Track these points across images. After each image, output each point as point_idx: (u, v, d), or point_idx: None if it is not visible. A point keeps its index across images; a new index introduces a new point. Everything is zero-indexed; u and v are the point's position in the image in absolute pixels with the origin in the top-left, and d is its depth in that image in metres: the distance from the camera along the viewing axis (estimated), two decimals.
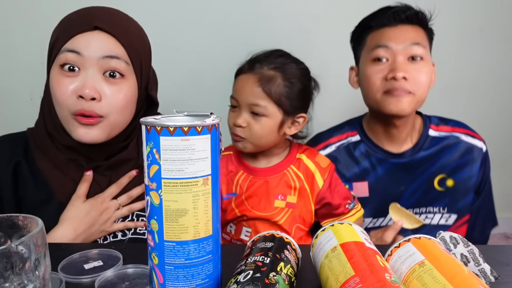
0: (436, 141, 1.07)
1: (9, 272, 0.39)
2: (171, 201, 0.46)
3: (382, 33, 1.01)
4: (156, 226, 0.47)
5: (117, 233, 0.83)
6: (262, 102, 0.89)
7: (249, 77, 0.91)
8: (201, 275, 0.48)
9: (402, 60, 0.97)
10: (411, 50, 0.97)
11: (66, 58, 0.71)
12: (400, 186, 1.06)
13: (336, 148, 1.10)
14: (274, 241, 0.55)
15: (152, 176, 0.47)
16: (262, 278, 0.45)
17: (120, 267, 0.63)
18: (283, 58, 0.93)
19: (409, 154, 1.06)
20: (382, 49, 0.99)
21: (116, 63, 0.73)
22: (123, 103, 0.75)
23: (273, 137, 0.93)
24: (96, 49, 0.72)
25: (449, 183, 1.06)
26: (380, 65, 0.99)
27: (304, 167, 0.97)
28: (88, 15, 0.75)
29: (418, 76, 0.97)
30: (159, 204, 0.46)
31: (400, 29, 1.00)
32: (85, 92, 0.70)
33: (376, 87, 1.00)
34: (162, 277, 0.47)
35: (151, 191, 0.47)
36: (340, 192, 0.99)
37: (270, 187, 0.95)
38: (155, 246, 0.47)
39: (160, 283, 0.47)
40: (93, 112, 0.72)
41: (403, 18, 1.00)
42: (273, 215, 0.94)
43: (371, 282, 0.42)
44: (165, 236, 0.47)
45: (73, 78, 0.72)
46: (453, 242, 0.60)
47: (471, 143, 1.07)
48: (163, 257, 0.47)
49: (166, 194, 0.46)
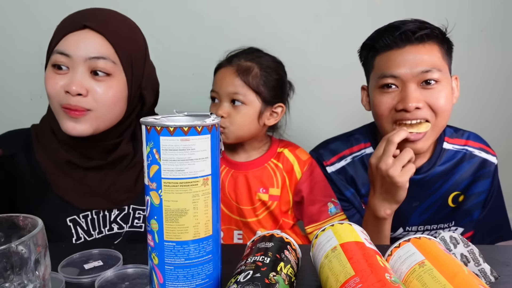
0: (450, 155, 0.99)
1: (9, 272, 0.39)
2: (171, 201, 0.46)
3: (389, 57, 0.90)
4: (156, 226, 0.47)
5: (113, 226, 0.84)
6: (241, 90, 0.93)
7: (227, 69, 0.96)
8: (201, 275, 0.48)
9: (414, 87, 0.87)
10: (423, 76, 0.87)
11: (56, 60, 0.76)
12: (412, 202, 0.98)
13: (351, 160, 1.02)
14: (274, 241, 0.55)
15: (152, 176, 0.47)
16: (262, 278, 0.45)
17: (120, 267, 0.63)
18: (258, 52, 0.99)
19: (424, 169, 0.97)
20: (389, 78, 0.89)
21: (103, 63, 0.76)
22: (111, 100, 0.78)
23: (254, 127, 0.96)
24: (84, 49, 0.75)
25: (460, 199, 1.00)
26: (390, 93, 0.89)
27: (285, 159, 1.00)
28: (79, 15, 0.78)
29: (434, 101, 0.87)
30: (159, 204, 0.46)
31: (410, 52, 0.88)
32: (71, 89, 0.74)
33: (386, 118, 0.91)
34: (162, 277, 0.47)
35: (151, 191, 0.47)
36: (319, 189, 0.98)
37: (251, 180, 0.99)
38: (155, 246, 0.47)
39: (160, 283, 0.47)
40: (79, 106, 0.75)
41: (412, 39, 0.88)
42: (256, 208, 0.98)
43: (371, 282, 0.42)
44: (165, 236, 0.47)
45: (63, 75, 0.76)
46: (453, 242, 0.60)
47: (485, 158, 1.01)
48: (163, 257, 0.47)
49: (166, 194, 0.46)
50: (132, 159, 0.86)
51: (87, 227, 0.82)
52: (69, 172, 0.81)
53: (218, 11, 1.50)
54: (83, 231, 0.81)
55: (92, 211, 0.82)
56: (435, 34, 0.89)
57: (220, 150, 0.50)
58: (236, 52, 1.00)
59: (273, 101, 0.97)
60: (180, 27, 1.50)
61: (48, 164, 0.81)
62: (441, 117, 0.88)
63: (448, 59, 0.92)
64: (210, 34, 1.50)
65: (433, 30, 0.89)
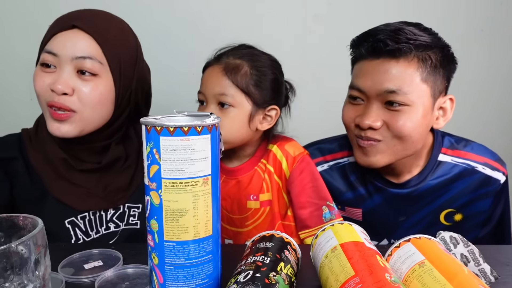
0: (446, 168, 0.88)
1: (9, 272, 0.39)
2: (171, 201, 0.46)
3: (361, 67, 0.83)
4: (156, 226, 0.47)
5: (109, 225, 0.84)
6: (228, 91, 0.84)
7: (215, 68, 0.88)
8: (201, 275, 0.48)
9: (376, 106, 0.80)
10: (387, 96, 0.78)
11: (44, 58, 0.76)
12: (399, 217, 0.91)
13: (328, 167, 0.96)
14: (274, 241, 0.55)
15: (152, 176, 0.47)
16: (262, 278, 0.45)
17: (120, 267, 0.63)
18: (250, 49, 0.90)
19: (413, 183, 0.88)
20: (355, 90, 0.83)
21: (90, 63, 0.75)
22: (96, 100, 0.77)
23: (244, 132, 0.87)
24: (71, 49, 0.75)
25: (457, 218, 0.90)
26: (355, 105, 0.84)
27: (274, 158, 0.90)
28: (69, 15, 0.79)
29: (395, 124, 0.78)
30: (159, 204, 0.46)
31: (381, 65, 0.78)
32: (57, 87, 0.74)
33: (348, 130, 0.86)
34: (162, 277, 0.47)
35: (151, 191, 0.47)
36: (311, 190, 0.88)
37: (241, 187, 0.90)
38: (155, 246, 0.47)
39: (160, 283, 0.47)
40: (63, 105, 0.75)
41: (384, 51, 0.78)
42: (248, 216, 0.90)
43: (371, 282, 0.42)
44: (165, 236, 0.47)
45: (50, 74, 0.76)
46: (453, 242, 0.60)
47: (489, 175, 0.88)
48: (163, 257, 0.47)
49: (166, 194, 0.46)
50: (125, 162, 0.86)
51: (85, 228, 0.82)
52: (65, 174, 0.81)
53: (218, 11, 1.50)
54: (81, 232, 0.82)
55: (89, 212, 0.82)
56: (413, 50, 0.77)
57: (220, 150, 0.50)
58: (226, 49, 0.91)
59: (266, 104, 0.87)
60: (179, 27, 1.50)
61: (44, 168, 0.81)
62: (402, 142, 0.80)
63: (432, 78, 0.80)
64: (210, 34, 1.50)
65: (411, 45, 0.77)
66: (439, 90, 0.82)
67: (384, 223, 0.88)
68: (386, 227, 0.90)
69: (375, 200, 0.92)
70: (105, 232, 0.83)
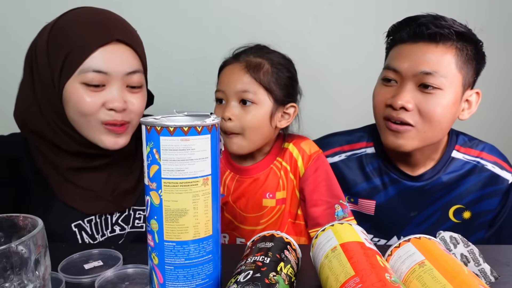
0: (458, 165, 0.92)
1: (9, 272, 0.39)
2: (171, 201, 0.46)
3: (399, 50, 0.86)
4: (156, 226, 0.47)
5: (115, 227, 0.83)
6: (251, 88, 0.84)
7: (235, 66, 0.87)
8: (201, 275, 0.48)
9: (410, 87, 0.82)
10: (422, 78, 0.81)
11: (92, 78, 0.72)
12: (410, 212, 0.93)
13: (346, 157, 0.97)
14: (274, 241, 0.55)
15: (152, 176, 0.47)
16: (262, 278, 0.45)
17: (120, 267, 0.63)
18: (267, 49, 0.92)
19: (427, 176, 0.91)
20: (390, 71, 0.85)
21: (138, 77, 0.77)
22: (142, 109, 0.80)
23: (266, 130, 0.87)
24: (120, 65, 0.74)
25: (465, 215, 0.92)
26: (388, 87, 0.86)
27: (290, 156, 0.91)
28: (103, 24, 0.75)
29: (427, 108, 0.81)
30: (159, 204, 0.46)
31: (420, 48, 0.82)
32: (116, 105, 0.74)
33: (378, 111, 0.88)
34: (162, 277, 0.47)
35: (151, 191, 0.47)
36: (324, 188, 0.89)
37: (257, 186, 0.90)
38: (155, 246, 0.47)
39: (160, 283, 0.47)
40: (124, 121, 0.76)
41: (425, 35, 0.81)
42: (263, 214, 0.90)
43: (371, 282, 0.42)
44: (165, 236, 0.47)
45: (99, 92, 0.74)
46: (453, 242, 0.60)
47: (497, 174, 0.91)
48: (163, 257, 0.47)
49: (166, 194, 0.46)
50: (134, 163, 0.86)
51: (91, 231, 0.81)
52: (72, 178, 0.80)
53: (218, 10, 1.50)
54: (87, 235, 0.81)
55: (96, 215, 0.81)
56: (453, 36, 0.81)
57: (220, 150, 0.50)
58: (243, 48, 0.92)
59: (285, 101, 0.89)
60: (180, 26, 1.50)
61: (50, 171, 0.80)
62: (431, 127, 0.82)
63: (465, 68, 0.83)
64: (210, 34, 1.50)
65: (452, 31, 0.81)
66: (469, 81, 0.85)
67: (395, 218, 0.89)
68: (397, 222, 0.92)
69: (389, 192, 0.94)
70: (111, 235, 0.83)
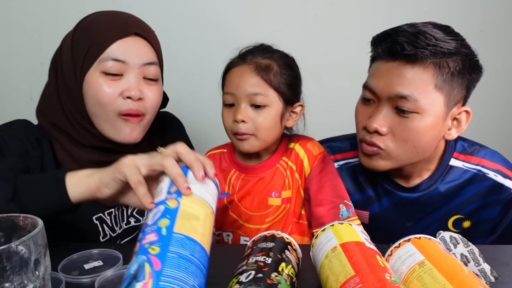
0: (457, 174, 0.86)
1: (9, 272, 0.39)
2: (189, 206, 0.48)
3: (376, 67, 0.81)
4: (166, 222, 0.46)
5: (130, 219, 0.85)
6: (262, 90, 0.84)
7: (244, 68, 0.86)
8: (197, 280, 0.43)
9: (386, 110, 0.77)
10: (396, 102, 0.76)
11: (110, 67, 0.75)
12: (406, 222, 0.89)
13: (338, 167, 0.95)
14: (275, 241, 0.55)
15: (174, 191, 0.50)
16: (265, 279, 0.45)
17: (120, 267, 0.63)
18: (271, 48, 0.91)
19: (423, 187, 0.87)
20: (367, 91, 0.81)
21: (154, 69, 0.79)
22: (158, 103, 0.82)
23: (278, 130, 0.88)
24: (138, 56, 0.77)
25: (465, 225, 0.88)
26: (367, 106, 0.82)
27: (296, 157, 0.91)
28: (123, 20, 0.79)
29: (401, 132, 0.76)
30: (176, 207, 0.48)
31: (397, 68, 0.76)
32: (132, 94, 0.76)
33: (358, 131, 0.85)
34: (161, 264, 0.42)
35: (168, 200, 0.49)
36: (329, 188, 0.89)
37: (263, 184, 0.90)
38: (158, 239, 0.44)
39: (156, 270, 0.41)
40: (139, 111, 0.78)
41: (401, 55, 0.75)
42: (268, 213, 0.90)
43: (371, 282, 0.42)
44: (176, 229, 0.45)
45: (117, 81, 0.76)
46: (453, 242, 0.60)
47: (500, 182, 0.85)
48: (167, 246, 0.43)
49: (186, 201, 0.49)
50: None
51: (111, 223, 0.83)
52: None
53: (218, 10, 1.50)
54: (108, 228, 0.82)
55: (115, 207, 0.83)
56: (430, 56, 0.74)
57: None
58: (248, 48, 0.90)
59: (293, 100, 0.89)
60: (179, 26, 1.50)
61: (71, 163, 0.80)
62: (406, 151, 0.78)
63: (448, 86, 0.76)
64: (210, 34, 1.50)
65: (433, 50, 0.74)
66: (455, 99, 0.78)
67: (390, 228, 0.86)
68: (393, 232, 0.85)
69: (383, 203, 0.91)
70: (126, 227, 0.85)
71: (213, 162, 0.98)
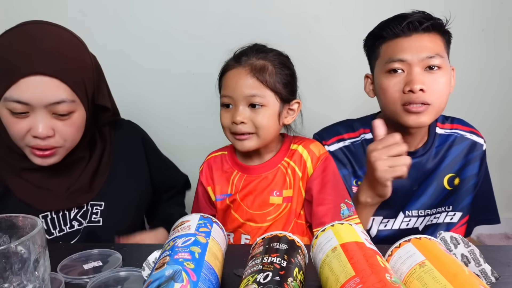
0: (443, 138, 1.06)
1: (8, 272, 0.39)
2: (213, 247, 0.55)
3: (396, 44, 0.96)
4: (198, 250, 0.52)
5: (73, 223, 0.85)
6: (259, 91, 0.86)
7: (240, 70, 0.88)
8: None
9: (419, 71, 0.93)
10: (427, 62, 0.93)
11: (14, 107, 0.72)
12: (412, 186, 1.03)
13: (348, 144, 1.07)
14: (288, 243, 0.54)
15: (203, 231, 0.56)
16: (282, 283, 0.45)
17: (112, 270, 0.62)
18: (265, 48, 0.92)
19: (420, 152, 1.03)
20: (397, 63, 0.95)
21: (62, 106, 0.74)
22: (75, 132, 0.79)
23: (276, 128, 0.91)
24: (41, 97, 0.72)
25: (456, 182, 1.05)
26: (396, 76, 0.95)
27: (298, 157, 0.94)
28: (26, 56, 0.72)
29: (436, 86, 0.93)
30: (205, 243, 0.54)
31: (416, 40, 0.95)
32: (39, 132, 0.73)
33: (394, 100, 0.96)
34: (196, 277, 0.48)
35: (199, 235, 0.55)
36: (331, 187, 0.91)
37: (265, 184, 0.92)
38: (192, 259, 0.50)
39: (193, 280, 0.48)
40: (49, 146, 0.76)
41: (419, 28, 0.95)
42: (270, 212, 0.92)
43: (372, 283, 0.42)
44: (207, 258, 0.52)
45: (24, 119, 0.74)
46: (454, 243, 0.60)
47: (475, 140, 1.07)
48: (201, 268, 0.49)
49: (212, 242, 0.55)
50: (88, 161, 0.87)
51: (47, 226, 0.83)
52: (26, 176, 0.82)
53: (218, 10, 1.50)
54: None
55: (51, 211, 0.83)
56: (438, 26, 0.96)
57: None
58: (242, 50, 0.92)
59: (290, 98, 0.91)
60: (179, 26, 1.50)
61: (6, 169, 0.82)
62: (440, 101, 0.94)
63: (447, 50, 0.98)
64: (210, 34, 1.51)
65: (437, 21, 0.96)
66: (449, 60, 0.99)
67: (400, 194, 0.96)
68: (402, 198, 1.01)
69: None
70: (69, 231, 0.85)
71: (214, 164, 0.99)
